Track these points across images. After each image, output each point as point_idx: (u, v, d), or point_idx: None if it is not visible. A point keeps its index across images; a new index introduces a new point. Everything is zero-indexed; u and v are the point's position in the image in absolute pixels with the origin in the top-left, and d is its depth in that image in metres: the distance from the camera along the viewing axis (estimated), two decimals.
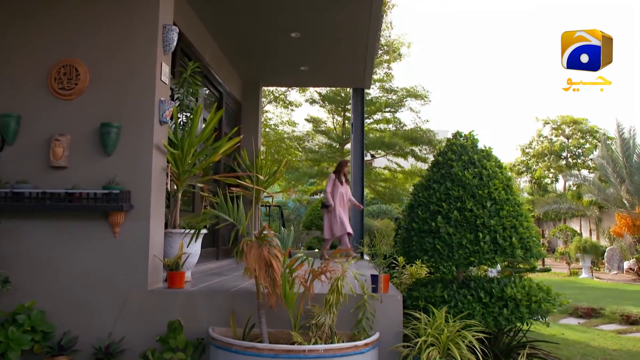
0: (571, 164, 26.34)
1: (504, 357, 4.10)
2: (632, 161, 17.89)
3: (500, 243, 4.07)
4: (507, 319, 4.04)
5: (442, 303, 4.09)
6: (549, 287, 4.37)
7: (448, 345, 3.67)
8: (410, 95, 19.21)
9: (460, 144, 4.50)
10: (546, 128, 27.78)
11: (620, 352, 5.61)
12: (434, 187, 4.36)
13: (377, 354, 3.80)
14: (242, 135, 6.19)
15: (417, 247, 4.32)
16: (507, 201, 4.22)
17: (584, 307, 8.23)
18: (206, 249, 7.09)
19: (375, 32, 7.04)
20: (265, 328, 3.63)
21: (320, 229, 14.63)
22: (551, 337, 6.28)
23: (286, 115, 21.58)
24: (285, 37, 7.18)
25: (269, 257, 3.33)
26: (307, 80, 10.92)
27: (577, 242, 16.57)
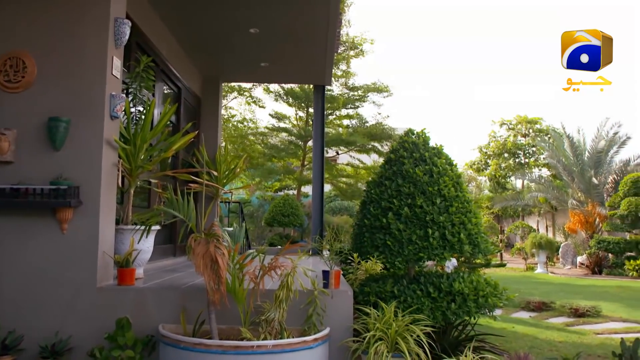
0: (525, 163, 27.05)
1: (452, 350, 4.18)
2: (582, 160, 18.50)
3: (449, 239, 4.16)
4: (454, 313, 4.14)
5: (392, 298, 4.16)
6: (497, 281, 4.49)
7: (396, 339, 3.75)
8: (372, 90, 19.35)
9: (412, 141, 4.58)
10: (503, 128, 28.49)
11: (566, 344, 5.80)
12: (386, 184, 4.42)
13: (328, 348, 3.85)
14: (197, 131, 6.12)
15: (369, 243, 4.38)
16: (457, 198, 4.32)
17: (535, 301, 8.46)
18: (162, 245, 7.02)
19: (334, 29, 7.07)
20: (214, 324, 3.63)
21: (283, 225, 14.72)
22: (502, 331, 6.46)
23: (250, 112, 21.49)
24: (244, 33, 7.15)
25: (215, 254, 3.32)
26: (267, 77, 10.89)
27: (532, 238, 17.02)
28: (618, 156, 18.66)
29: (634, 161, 18.37)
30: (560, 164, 18.97)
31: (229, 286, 3.65)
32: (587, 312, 7.85)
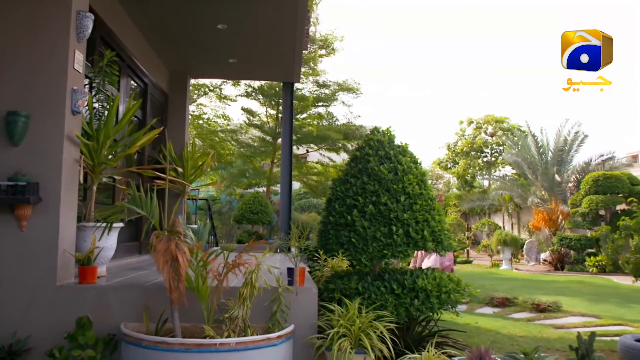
0: (492, 162, 27.54)
1: (415, 346, 4.23)
2: (546, 159, 18.97)
3: (412, 236, 4.22)
4: (418, 309, 4.20)
5: (356, 295, 4.19)
6: (459, 278, 4.57)
7: (360, 335, 3.78)
8: (342, 89, 19.44)
9: (378, 139, 4.62)
10: (471, 127, 28.92)
11: (526, 338, 5.94)
12: (351, 182, 4.46)
13: (292, 345, 3.86)
14: (162, 127, 6.05)
15: (334, 240, 4.40)
16: (421, 195, 4.37)
17: (499, 297, 8.64)
18: (128, 243, 6.92)
19: (302, 26, 7.08)
20: (177, 322, 3.60)
21: (252, 222, 14.67)
22: (465, 326, 6.57)
23: (220, 109, 21.32)
24: (212, 29, 7.09)
25: (175, 251, 3.29)
26: (236, 73, 10.84)
27: (498, 235, 17.35)
28: (579, 155, 19.21)
29: (595, 160, 18.90)
30: (525, 163, 19.39)
31: (191, 284, 3.63)
32: (548, 307, 8.05)
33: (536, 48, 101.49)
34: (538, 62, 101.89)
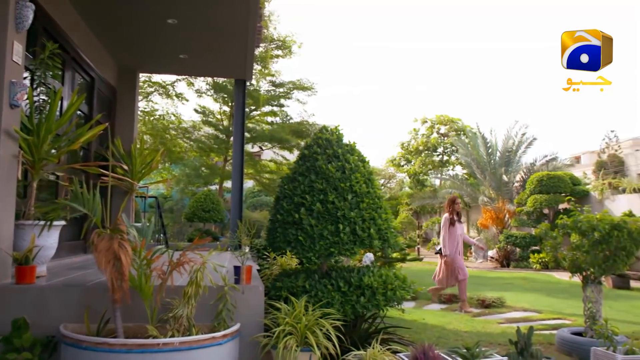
0: (445, 161, 28.14)
1: (362, 342, 4.28)
2: (495, 159, 19.53)
3: (359, 234, 4.26)
4: (364, 306, 4.25)
5: (303, 293, 4.21)
6: (405, 275, 4.65)
7: (306, 333, 3.80)
8: (297, 87, 19.44)
9: (326, 138, 4.64)
10: (424, 127, 29.47)
11: (471, 334, 6.10)
12: (299, 180, 4.47)
13: (238, 344, 3.84)
14: (107, 123, 5.90)
15: (281, 239, 4.41)
16: (368, 194, 4.43)
17: (446, 294, 8.82)
18: (72, 242, 6.72)
19: (254, 23, 7.03)
20: (120, 323, 3.52)
21: (204, 220, 14.48)
22: (413, 323, 6.70)
23: (173, 106, 20.93)
24: (162, 24, 6.96)
25: (118, 250, 3.23)
26: (187, 69, 10.67)
27: None
28: (526, 156, 19.86)
29: (540, 161, 19.59)
30: (475, 163, 19.90)
31: (135, 283, 3.56)
32: (493, 302, 8.29)
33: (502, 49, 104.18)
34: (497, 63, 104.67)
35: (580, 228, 5.10)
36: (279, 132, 18.81)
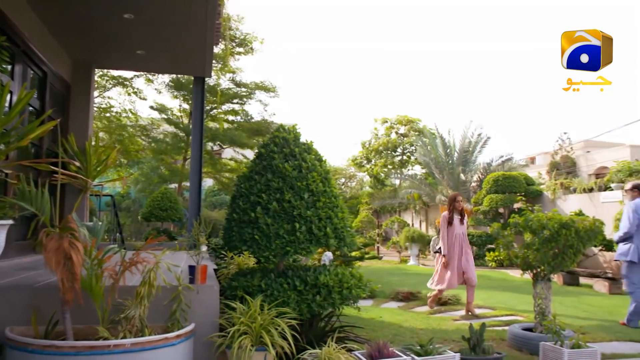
0: (404, 161, 28.52)
1: (318, 341, 4.29)
2: (452, 159, 19.90)
3: (315, 233, 4.27)
4: (320, 305, 4.26)
5: (259, 292, 4.19)
6: (361, 274, 4.69)
7: (261, 332, 3.79)
8: (259, 88, 19.34)
9: (283, 136, 4.64)
10: (384, 127, 29.78)
11: (426, 331, 6.20)
12: (256, 179, 4.45)
13: (192, 345, 3.80)
14: (59, 119, 5.73)
15: (237, 238, 4.37)
16: (324, 193, 4.44)
17: (403, 292, 8.93)
18: (21, 241, 6.50)
19: (212, 20, 6.96)
20: (69, 324, 3.43)
21: (161, 219, 14.23)
22: (370, 321, 6.76)
23: (130, 103, 20.51)
24: (118, 18, 6.81)
25: (69, 250, 3.14)
26: (144, 65, 10.47)
27: (406, 232, 17.94)
28: (482, 156, 20.33)
29: (496, 161, 20.05)
30: (433, 163, 20.23)
31: (85, 283, 3.47)
32: (449, 300, 8.44)
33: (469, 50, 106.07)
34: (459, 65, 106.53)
35: (531, 227, 5.25)
36: (239, 133, 18.62)
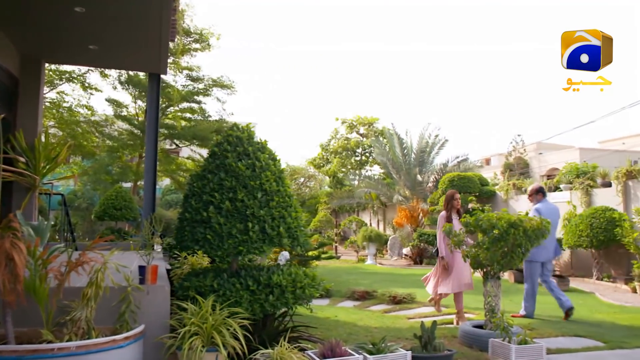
0: (363, 161, 28.77)
1: (271, 341, 4.28)
2: (410, 159, 20.19)
3: (268, 232, 4.26)
4: (272, 305, 4.25)
5: (211, 292, 4.14)
6: (315, 273, 4.70)
7: (212, 333, 3.75)
8: (216, 85, 19.13)
9: (237, 135, 4.60)
10: (344, 127, 29.98)
11: (380, 329, 6.26)
12: (209, 178, 4.40)
13: (142, 346, 3.72)
14: (3, 115, 5.53)
15: (189, 237, 4.32)
16: (278, 192, 4.43)
17: (359, 291, 9.01)
18: None
19: (167, 15, 6.84)
20: (11, 327, 3.31)
21: (115, 218, 13.93)
22: (325, 320, 6.78)
23: (84, 98, 19.92)
24: (68, 11, 6.59)
25: (11, 250, 3.03)
26: (97, 61, 10.18)
27: (363, 232, 18.10)
28: (439, 157, 20.66)
29: (452, 162, 20.43)
30: (390, 163, 20.46)
31: (28, 284, 3.36)
32: (404, 299, 8.55)
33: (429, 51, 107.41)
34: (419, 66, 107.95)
35: (482, 226, 5.37)
36: (194, 131, 18.35)
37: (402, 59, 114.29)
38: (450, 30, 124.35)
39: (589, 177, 13.84)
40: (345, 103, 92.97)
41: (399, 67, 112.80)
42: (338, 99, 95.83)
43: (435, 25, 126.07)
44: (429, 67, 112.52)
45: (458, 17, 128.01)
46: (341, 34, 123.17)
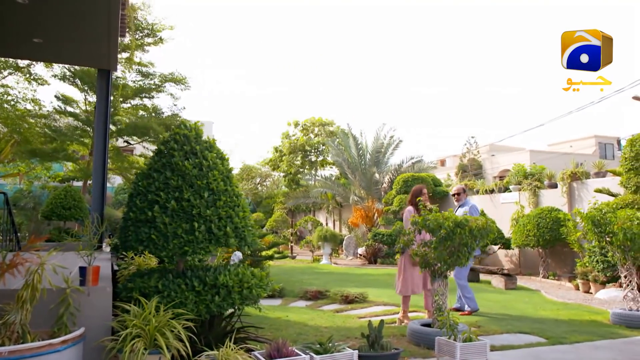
0: (317, 161, 28.85)
1: (218, 342, 4.23)
2: (365, 160, 20.37)
3: (215, 232, 4.20)
4: (218, 305, 4.19)
5: (156, 293, 4.05)
6: (263, 273, 4.66)
7: (155, 335, 3.67)
8: (169, 80, 18.77)
9: (184, 134, 4.51)
10: (297, 129, 30.00)
11: (330, 329, 6.27)
12: (154, 176, 4.30)
13: (81, 350, 3.61)
14: None
15: (133, 237, 4.21)
16: (225, 192, 4.37)
17: (312, 291, 9.01)
18: None
19: (116, 10, 6.67)
20: None
21: (64, 218, 13.48)
22: (276, 320, 6.76)
23: (31, 91, 19.18)
24: (10, 3, 6.35)
25: None
26: (43, 55, 9.82)
27: (319, 231, 18.15)
28: (394, 157, 20.94)
29: (406, 163, 20.72)
30: (346, 163, 20.58)
31: None
32: (356, 298, 8.60)
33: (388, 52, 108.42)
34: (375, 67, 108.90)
35: (429, 226, 5.45)
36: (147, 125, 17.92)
37: (357, 61, 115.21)
38: (407, 31, 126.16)
39: (537, 179, 14.29)
40: (301, 104, 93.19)
41: (354, 68, 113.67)
42: (294, 100, 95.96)
43: (389, 27, 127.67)
44: (386, 69, 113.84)
45: (414, 17, 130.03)
46: (295, 36, 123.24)
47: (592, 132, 45.30)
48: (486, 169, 40.07)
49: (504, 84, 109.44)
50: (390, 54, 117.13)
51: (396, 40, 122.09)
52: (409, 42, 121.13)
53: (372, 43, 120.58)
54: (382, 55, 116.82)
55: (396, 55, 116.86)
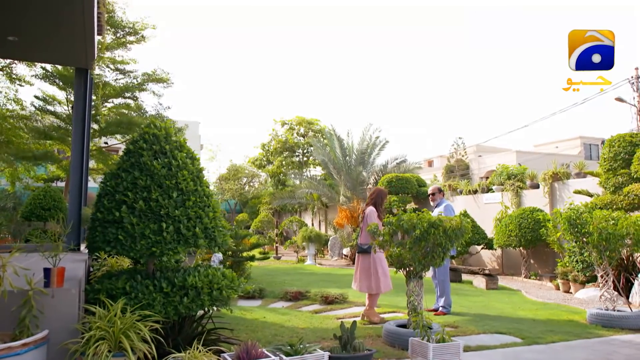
0: (304, 161, 28.81)
1: (186, 344, 4.18)
2: (351, 160, 20.34)
3: (183, 233, 4.15)
4: (187, 307, 4.15)
5: (123, 295, 4.00)
6: (234, 274, 4.62)
7: (120, 337, 3.62)
8: (151, 79, 18.61)
9: (154, 133, 4.46)
10: (284, 127, 29.95)
11: (307, 330, 6.23)
12: (122, 176, 4.25)
13: (44, 353, 3.54)
14: None
15: (100, 238, 4.15)
16: (195, 192, 4.33)
17: (292, 291, 8.96)
18: None
19: (90, 7, 6.58)
20: None
21: (44, 219, 13.32)
22: (253, 321, 6.71)
23: (12, 90, 18.93)
24: None
25: None
26: (18, 53, 9.67)
27: (303, 232, 18.11)
28: (379, 158, 20.91)
29: (391, 163, 20.73)
30: (331, 163, 20.55)
31: None
32: (336, 299, 8.57)
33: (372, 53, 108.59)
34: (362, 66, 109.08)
35: (403, 227, 5.44)
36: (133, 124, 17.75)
37: (344, 60, 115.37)
38: (393, 31, 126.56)
39: (519, 179, 14.36)
40: (287, 103, 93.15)
41: (341, 68, 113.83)
42: (280, 100, 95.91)
43: (375, 27, 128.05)
44: (372, 70, 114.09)
45: (399, 16, 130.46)
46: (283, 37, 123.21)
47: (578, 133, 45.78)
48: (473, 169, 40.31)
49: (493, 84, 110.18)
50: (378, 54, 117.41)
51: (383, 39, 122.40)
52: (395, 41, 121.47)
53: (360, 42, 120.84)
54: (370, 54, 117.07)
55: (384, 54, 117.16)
